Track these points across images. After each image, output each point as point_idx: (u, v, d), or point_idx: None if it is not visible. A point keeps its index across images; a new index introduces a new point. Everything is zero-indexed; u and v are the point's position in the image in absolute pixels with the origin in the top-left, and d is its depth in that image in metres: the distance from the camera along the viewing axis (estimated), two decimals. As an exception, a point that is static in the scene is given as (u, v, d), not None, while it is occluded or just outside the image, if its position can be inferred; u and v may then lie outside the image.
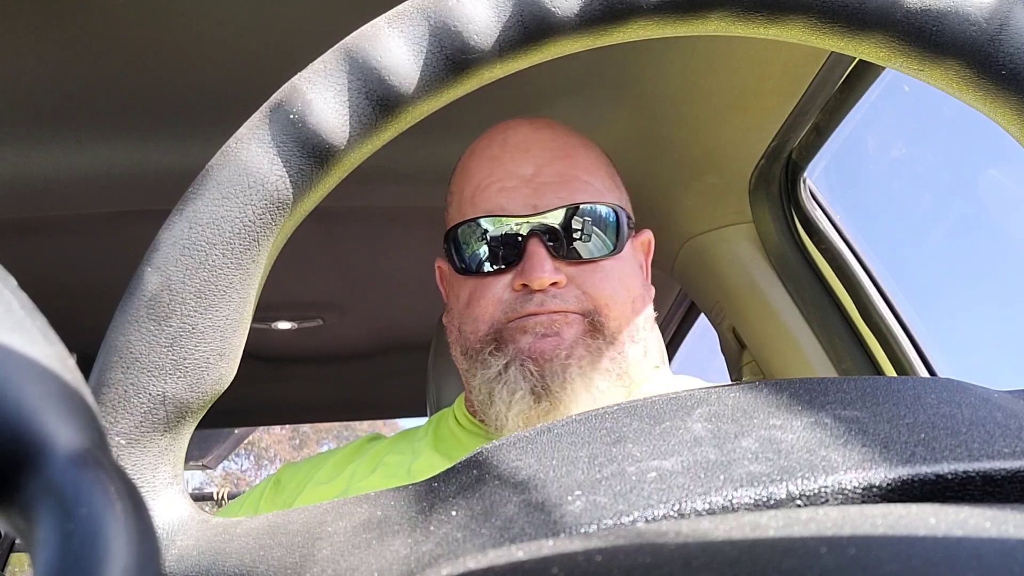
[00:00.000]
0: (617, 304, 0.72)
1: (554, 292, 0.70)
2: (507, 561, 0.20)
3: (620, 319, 0.72)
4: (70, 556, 0.14)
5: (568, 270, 0.71)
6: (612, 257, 0.73)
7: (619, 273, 0.73)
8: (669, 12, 0.29)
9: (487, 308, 0.72)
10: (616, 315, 0.72)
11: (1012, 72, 0.28)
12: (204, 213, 0.28)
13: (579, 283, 0.71)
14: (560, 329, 0.69)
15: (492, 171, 0.74)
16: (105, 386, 0.27)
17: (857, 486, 0.22)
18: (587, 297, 0.71)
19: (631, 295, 0.74)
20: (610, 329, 0.71)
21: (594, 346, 0.70)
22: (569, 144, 0.76)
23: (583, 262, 0.72)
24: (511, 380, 0.68)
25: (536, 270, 0.69)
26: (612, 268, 0.73)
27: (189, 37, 0.90)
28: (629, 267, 0.75)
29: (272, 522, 0.28)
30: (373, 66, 0.28)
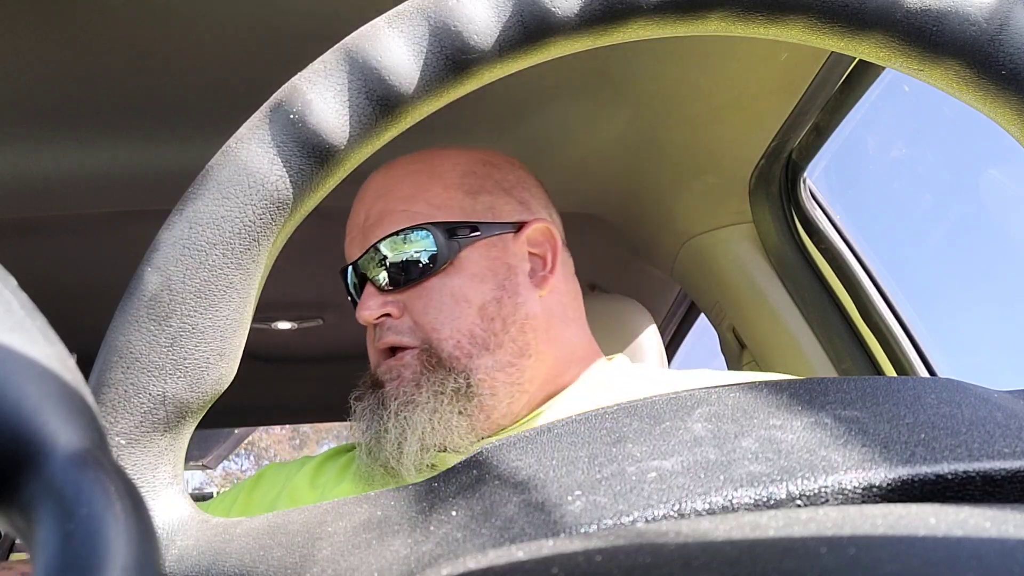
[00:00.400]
0: (449, 323, 0.74)
1: (389, 324, 0.76)
2: (507, 561, 0.20)
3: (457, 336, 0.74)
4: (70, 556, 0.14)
5: (401, 298, 0.76)
6: (438, 275, 0.75)
7: (449, 289, 0.75)
8: (669, 12, 0.29)
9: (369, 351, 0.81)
10: (449, 335, 0.74)
11: (1012, 72, 0.28)
12: (204, 213, 0.28)
13: (410, 310, 0.76)
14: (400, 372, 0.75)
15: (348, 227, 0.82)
16: (105, 386, 0.27)
17: (857, 486, 0.22)
18: (418, 327, 0.75)
19: (474, 304, 0.75)
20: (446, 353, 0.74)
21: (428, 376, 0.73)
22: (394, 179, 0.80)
23: (408, 288, 0.76)
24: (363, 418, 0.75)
25: (360, 309, 0.76)
26: (437, 287, 0.75)
27: (189, 37, 0.90)
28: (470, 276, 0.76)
29: (272, 522, 0.28)
30: (373, 66, 0.28)
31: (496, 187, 0.81)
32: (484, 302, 0.75)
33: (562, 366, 0.79)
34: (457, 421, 0.72)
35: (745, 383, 0.30)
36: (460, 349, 0.73)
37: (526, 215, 0.81)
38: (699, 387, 0.30)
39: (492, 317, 0.75)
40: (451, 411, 0.72)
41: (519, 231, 0.80)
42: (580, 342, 0.82)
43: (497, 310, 0.75)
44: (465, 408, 0.72)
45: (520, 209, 0.81)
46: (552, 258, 0.81)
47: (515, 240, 0.80)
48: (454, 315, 0.74)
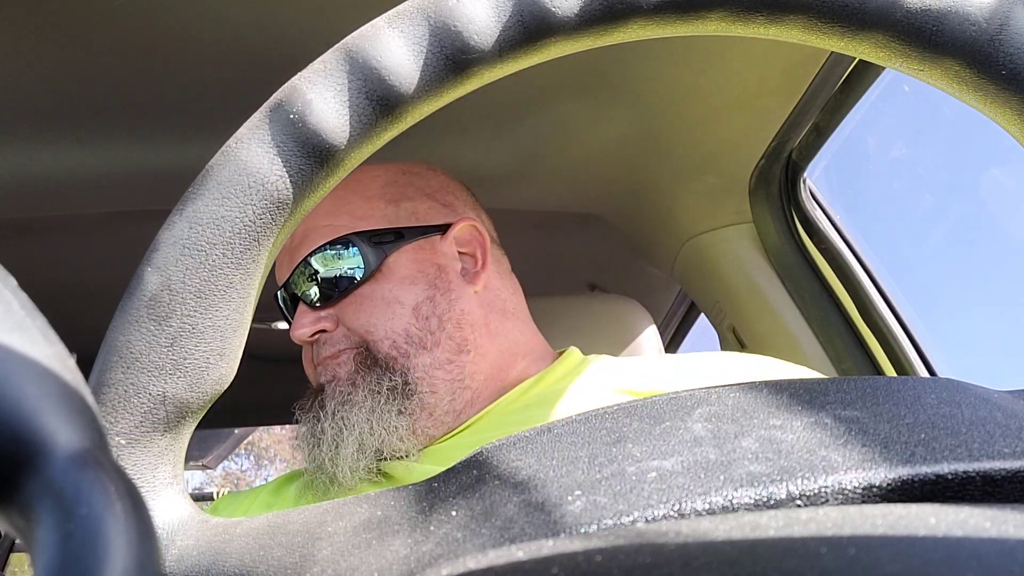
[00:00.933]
0: (382, 325, 0.74)
1: (325, 338, 0.76)
2: (507, 561, 0.20)
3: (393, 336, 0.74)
4: (70, 556, 0.14)
5: (333, 311, 0.76)
6: (368, 283, 0.76)
7: (381, 294, 0.75)
8: (669, 12, 0.29)
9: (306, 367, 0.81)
10: (384, 336, 0.74)
11: (1012, 72, 0.28)
12: (204, 213, 0.28)
13: (343, 320, 0.76)
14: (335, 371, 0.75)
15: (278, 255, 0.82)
16: (105, 386, 0.27)
17: (857, 486, 0.22)
18: (353, 333, 0.75)
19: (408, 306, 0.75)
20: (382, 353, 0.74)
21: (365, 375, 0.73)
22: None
23: (339, 300, 0.76)
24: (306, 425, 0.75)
25: (294, 328, 0.77)
26: (370, 293, 0.75)
27: (189, 37, 0.90)
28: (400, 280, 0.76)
29: (272, 522, 0.28)
30: (373, 66, 0.28)
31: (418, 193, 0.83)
32: (417, 302, 0.76)
33: (506, 360, 0.79)
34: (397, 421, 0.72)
35: (745, 383, 0.30)
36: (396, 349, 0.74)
37: (451, 216, 0.82)
38: (698, 387, 0.30)
39: (427, 316, 0.76)
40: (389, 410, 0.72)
41: (446, 232, 0.81)
42: (523, 336, 0.83)
43: (431, 308, 0.76)
44: (404, 407, 0.72)
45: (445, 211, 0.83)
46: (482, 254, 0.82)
47: (443, 241, 0.80)
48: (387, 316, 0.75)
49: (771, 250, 1.24)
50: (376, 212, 0.79)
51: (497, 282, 0.83)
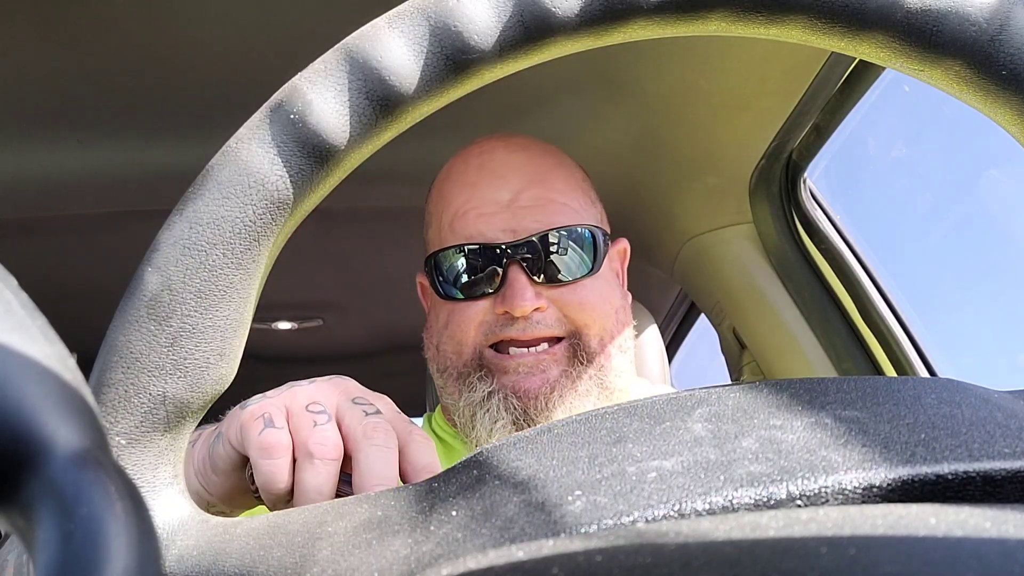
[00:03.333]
0: (597, 321, 0.74)
1: (536, 317, 0.72)
2: (507, 561, 0.20)
3: (603, 334, 0.74)
4: (70, 556, 0.14)
5: (549, 293, 0.73)
6: (591, 276, 0.75)
7: (599, 291, 0.75)
8: (669, 12, 0.29)
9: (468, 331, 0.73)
10: (597, 332, 0.74)
11: (1012, 72, 0.28)
12: (204, 213, 0.28)
13: (560, 305, 0.73)
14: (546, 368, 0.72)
15: (470, 197, 0.75)
16: (105, 386, 0.27)
17: (857, 486, 0.22)
18: (568, 320, 0.73)
19: (612, 308, 0.76)
20: (592, 348, 0.73)
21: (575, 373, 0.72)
22: (545, 166, 0.77)
23: (563, 285, 0.73)
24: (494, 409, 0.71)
25: (518, 298, 0.70)
26: (591, 287, 0.74)
27: (189, 37, 0.90)
28: (608, 283, 0.77)
29: (272, 522, 0.28)
30: (373, 66, 0.28)
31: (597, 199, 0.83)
32: (617, 307, 0.77)
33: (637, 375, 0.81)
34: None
35: (745, 383, 0.30)
36: (603, 346, 0.73)
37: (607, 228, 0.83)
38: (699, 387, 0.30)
39: (622, 322, 0.77)
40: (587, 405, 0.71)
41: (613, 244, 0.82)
42: None
43: (624, 316, 0.78)
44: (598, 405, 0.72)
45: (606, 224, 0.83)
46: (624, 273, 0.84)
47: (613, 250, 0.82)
48: (601, 314, 0.74)
49: (771, 250, 1.24)
50: (590, 207, 0.79)
51: None
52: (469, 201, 0.75)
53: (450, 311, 0.75)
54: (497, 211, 0.74)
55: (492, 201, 0.74)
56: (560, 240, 0.73)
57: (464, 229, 0.74)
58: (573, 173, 0.80)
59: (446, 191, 0.78)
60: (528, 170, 0.76)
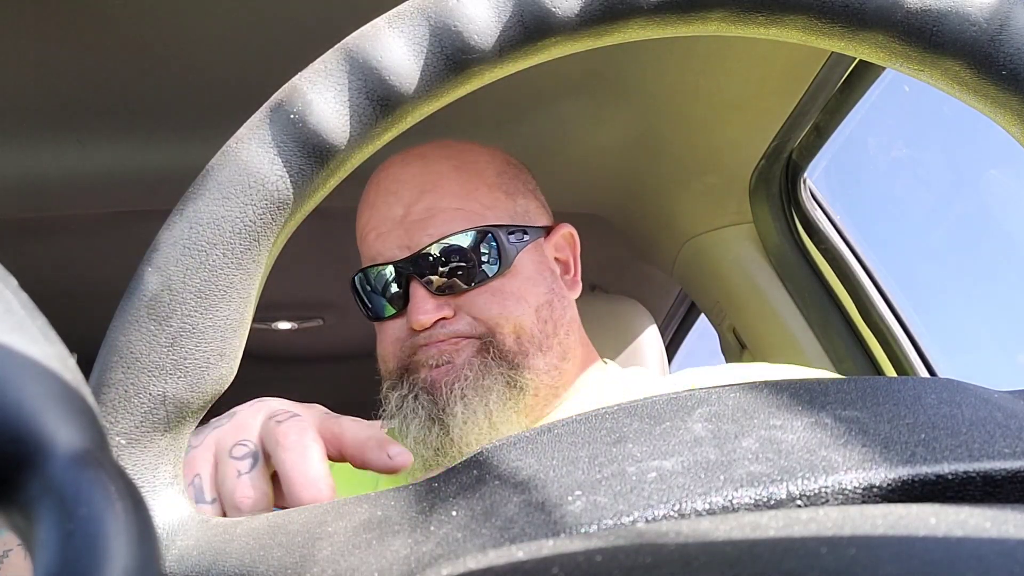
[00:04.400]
0: (511, 321, 0.72)
1: (442, 324, 0.72)
2: (507, 561, 0.20)
3: (519, 334, 0.72)
4: (70, 556, 0.14)
5: (456, 301, 0.73)
6: (499, 277, 0.73)
7: (511, 290, 0.73)
8: (669, 12, 0.29)
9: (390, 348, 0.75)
10: (512, 331, 0.72)
11: (1012, 72, 0.28)
12: (204, 213, 0.28)
13: (468, 310, 0.72)
14: (451, 357, 0.71)
15: (369, 218, 0.76)
16: (105, 386, 0.27)
17: (857, 486, 0.22)
18: (479, 322, 0.72)
19: (532, 306, 0.74)
20: (506, 347, 0.72)
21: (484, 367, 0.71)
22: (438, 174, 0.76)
23: (468, 291, 0.72)
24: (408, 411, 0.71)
25: (417, 313, 0.71)
26: (500, 287, 0.73)
27: (189, 37, 0.90)
28: (526, 279, 0.75)
29: (272, 522, 0.28)
30: (373, 66, 0.28)
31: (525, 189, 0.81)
32: (539, 304, 0.75)
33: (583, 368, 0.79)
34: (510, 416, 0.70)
35: (745, 383, 0.30)
36: (519, 344, 0.72)
37: (549, 220, 0.81)
38: (699, 387, 0.30)
39: (545, 319, 0.74)
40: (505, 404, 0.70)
41: (548, 235, 0.80)
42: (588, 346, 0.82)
43: (549, 313, 0.75)
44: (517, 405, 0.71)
45: (545, 213, 0.81)
46: (575, 262, 0.82)
47: (546, 244, 0.79)
48: (515, 313, 0.73)
49: (771, 250, 1.24)
50: (499, 204, 0.77)
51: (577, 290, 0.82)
52: (368, 222, 0.76)
53: (377, 331, 0.77)
54: (392, 228, 0.74)
55: (387, 219, 0.75)
56: (455, 248, 0.72)
57: (367, 251, 0.76)
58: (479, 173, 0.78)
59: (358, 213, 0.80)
60: (419, 181, 0.76)
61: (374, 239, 0.75)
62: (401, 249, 0.73)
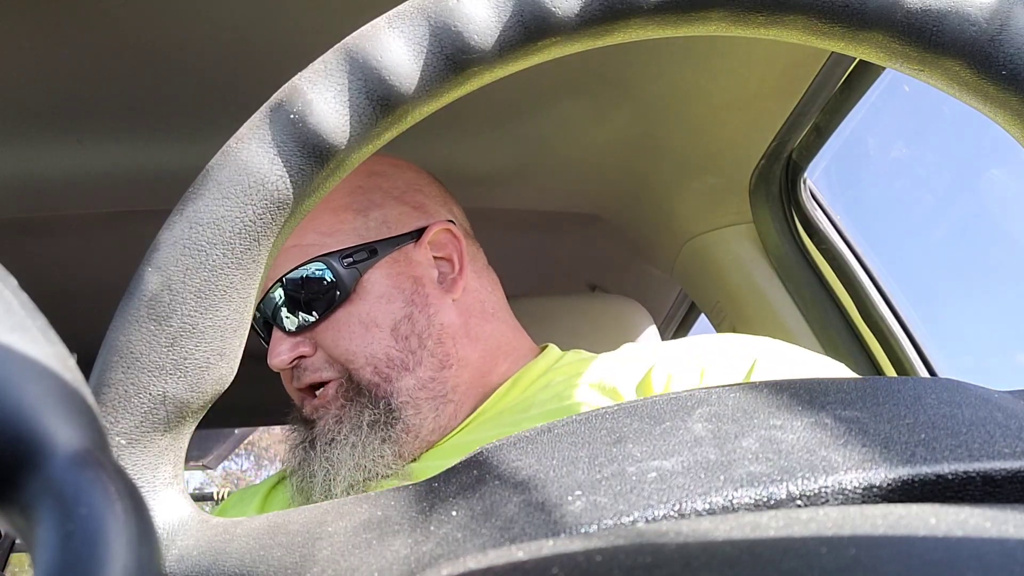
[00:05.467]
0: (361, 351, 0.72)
1: (305, 364, 0.74)
2: (507, 561, 0.20)
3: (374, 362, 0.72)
4: (70, 556, 0.14)
5: (309, 336, 0.73)
6: (343, 306, 0.72)
7: (357, 317, 0.72)
8: (669, 12, 0.29)
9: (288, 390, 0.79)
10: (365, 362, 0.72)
11: (1012, 72, 0.28)
12: (204, 213, 0.28)
13: (323, 346, 0.73)
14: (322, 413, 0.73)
15: None
16: (105, 386, 0.27)
17: (857, 486, 0.22)
18: (334, 361, 0.73)
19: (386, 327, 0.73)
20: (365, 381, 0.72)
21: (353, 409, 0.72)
22: None
23: (314, 326, 0.73)
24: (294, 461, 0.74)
25: (271, 357, 0.74)
26: (344, 318, 0.72)
27: (189, 37, 0.90)
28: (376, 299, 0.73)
29: (272, 522, 0.28)
30: (373, 66, 0.28)
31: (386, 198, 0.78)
32: (395, 322, 0.73)
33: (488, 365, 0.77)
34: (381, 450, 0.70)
35: (745, 383, 0.30)
36: (379, 374, 0.72)
37: (423, 220, 0.78)
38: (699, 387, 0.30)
39: (407, 335, 0.73)
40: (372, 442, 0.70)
41: (419, 238, 0.77)
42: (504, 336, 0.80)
43: (411, 327, 0.73)
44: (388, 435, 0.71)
45: (416, 215, 0.78)
46: (459, 258, 0.79)
47: (417, 249, 0.77)
48: (366, 342, 0.72)
49: (771, 250, 1.24)
50: (345, 226, 0.75)
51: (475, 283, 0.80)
52: None
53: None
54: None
55: None
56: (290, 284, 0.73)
57: None
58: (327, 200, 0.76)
59: None
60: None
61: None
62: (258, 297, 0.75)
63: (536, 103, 1.10)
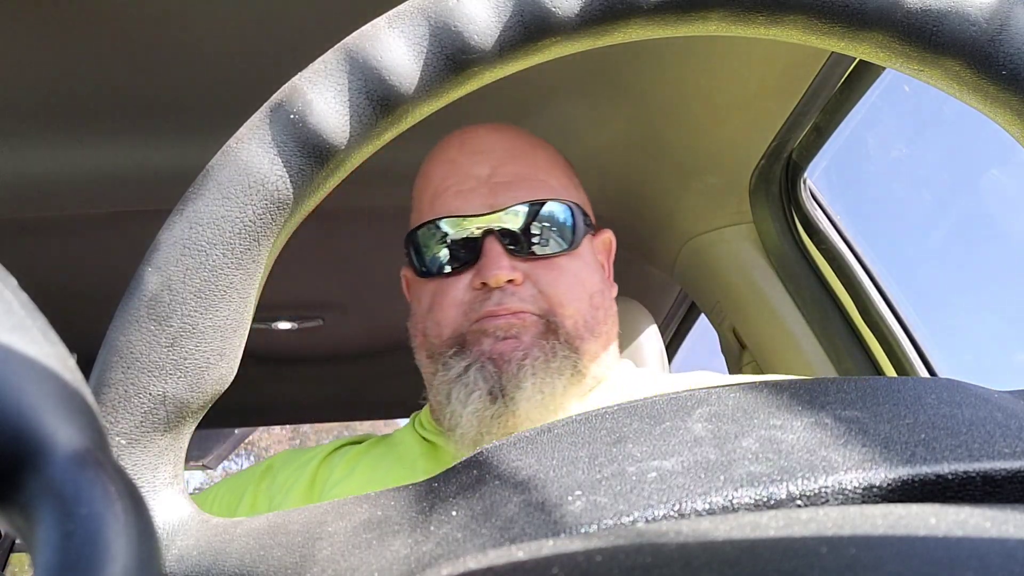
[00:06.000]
0: (572, 302, 0.73)
1: (511, 290, 0.71)
2: (507, 561, 0.20)
3: (576, 316, 0.73)
4: (70, 556, 0.14)
5: (524, 267, 0.72)
6: (567, 254, 0.74)
7: (575, 270, 0.74)
8: (669, 12, 0.29)
9: (448, 311, 0.73)
10: (572, 313, 0.73)
11: (1012, 72, 0.28)
12: (204, 213, 0.28)
13: (535, 281, 0.72)
14: (519, 332, 0.71)
15: (448, 174, 0.76)
16: (105, 386, 0.27)
17: (857, 486, 0.22)
18: (543, 296, 0.72)
19: (588, 292, 0.75)
20: (565, 328, 0.72)
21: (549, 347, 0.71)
22: (527, 144, 0.78)
23: (539, 259, 0.73)
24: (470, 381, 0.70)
25: (492, 267, 0.70)
26: (567, 265, 0.74)
27: (189, 37, 0.90)
28: (586, 264, 0.76)
29: (272, 522, 0.28)
30: (373, 66, 0.28)
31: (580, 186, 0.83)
32: (593, 291, 0.76)
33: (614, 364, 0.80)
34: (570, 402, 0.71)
35: (745, 383, 0.30)
36: (577, 329, 0.73)
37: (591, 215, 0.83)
38: (699, 387, 0.30)
39: (597, 307, 0.75)
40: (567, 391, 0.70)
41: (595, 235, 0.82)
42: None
43: (600, 301, 0.76)
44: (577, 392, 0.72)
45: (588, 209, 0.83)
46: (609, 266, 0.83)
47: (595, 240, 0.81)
48: (577, 295, 0.73)
49: (771, 250, 1.24)
50: (570, 189, 0.79)
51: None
52: (448, 178, 0.76)
53: (432, 293, 0.75)
54: (476, 186, 0.74)
55: (471, 176, 0.75)
56: (537, 214, 0.73)
57: (443, 206, 0.75)
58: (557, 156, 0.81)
59: (427, 171, 0.80)
60: (508, 146, 0.77)
61: (454, 195, 0.75)
62: (483, 207, 0.73)
63: (536, 103, 1.10)
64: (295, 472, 0.79)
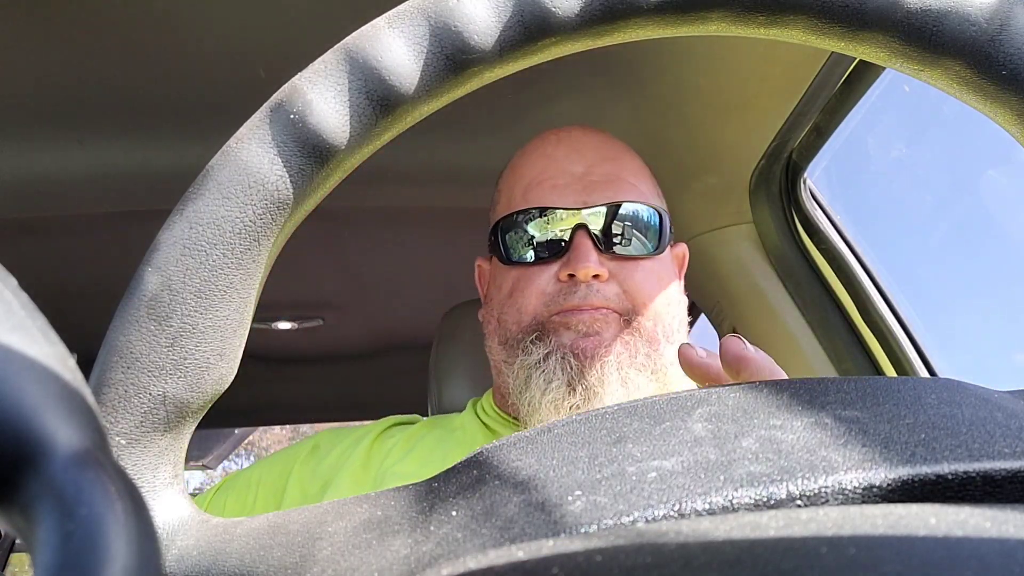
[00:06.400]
0: (653, 304, 0.74)
1: (596, 287, 0.73)
2: (507, 561, 0.20)
3: (656, 319, 0.74)
4: (70, 556, 0.14)
5: (610, 265, 0.74)
6: (652, 258, 0.76)
7: (657, 275, 0.76)
8: (669, 12, 0.29)
9: (530, 299, 0.75)
10: (652, 315, 0.74)
11: (1012, 72, 0.28)
12: (204, 213, 0.28)
13: (620, 280, 0.74)
14: (600, 328, 0.72)
15: (545, 168, 0.78)
16: (105, 386, 0.27)
17: (857, 486, 0.22)
18: (626, 295, 0.74)
19: (667, 298, 0.76)
20: (646, 328, 0.73)
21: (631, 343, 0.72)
22: (619, 148, 0.81)
23: (625, 259, 0.75)
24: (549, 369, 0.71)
25: (582, 260, 0.72)
26: (651, 269, 0.76)
27: (189, 37, 0.90)
28: (667, 271, 0.78)
29: (272, 522, 0.28)
30: (373, 66, 0.28)
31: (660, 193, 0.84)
32: (671, 299, 0.77)
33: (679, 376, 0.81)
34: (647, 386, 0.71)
35: (745, 383, 0.30)
36: (655, 332, 0.74)
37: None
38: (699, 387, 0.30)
39: (674, 316, 0.77)
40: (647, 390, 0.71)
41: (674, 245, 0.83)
42: None
43: (677, 311, 0.78)
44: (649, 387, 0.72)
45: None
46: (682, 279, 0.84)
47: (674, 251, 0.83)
48: (658, 299, 0.75)
49: (771, 250, 1.24)
50: (657, 198, 0.81)
51: None
52: (544, 172, 0.78)
53: (515, 279, 0.76)
54: (570, 182, 0.76)
55: (566, 172, 0.77)
56: (627, 215, 0.75)
57: (538, 198, 0.77)
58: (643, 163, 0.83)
59: (520, 164, 0.81)
60: (602, 148, 0.79)
61: (548, 188, 0.76)
62: (576, 202, 0.75)
63: (536, 103, 1.10)
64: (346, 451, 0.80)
